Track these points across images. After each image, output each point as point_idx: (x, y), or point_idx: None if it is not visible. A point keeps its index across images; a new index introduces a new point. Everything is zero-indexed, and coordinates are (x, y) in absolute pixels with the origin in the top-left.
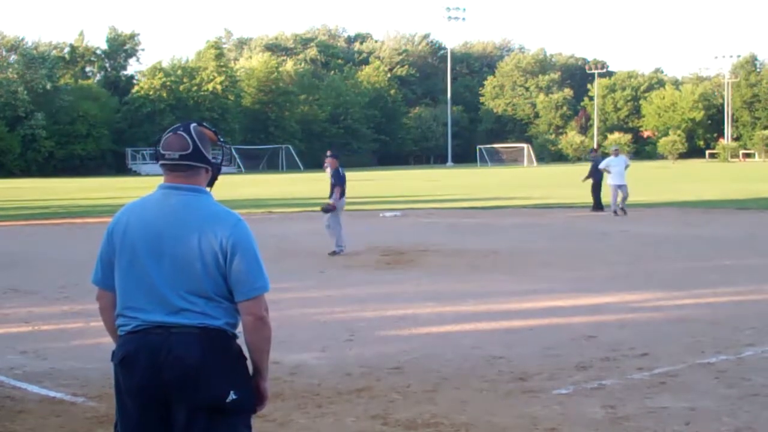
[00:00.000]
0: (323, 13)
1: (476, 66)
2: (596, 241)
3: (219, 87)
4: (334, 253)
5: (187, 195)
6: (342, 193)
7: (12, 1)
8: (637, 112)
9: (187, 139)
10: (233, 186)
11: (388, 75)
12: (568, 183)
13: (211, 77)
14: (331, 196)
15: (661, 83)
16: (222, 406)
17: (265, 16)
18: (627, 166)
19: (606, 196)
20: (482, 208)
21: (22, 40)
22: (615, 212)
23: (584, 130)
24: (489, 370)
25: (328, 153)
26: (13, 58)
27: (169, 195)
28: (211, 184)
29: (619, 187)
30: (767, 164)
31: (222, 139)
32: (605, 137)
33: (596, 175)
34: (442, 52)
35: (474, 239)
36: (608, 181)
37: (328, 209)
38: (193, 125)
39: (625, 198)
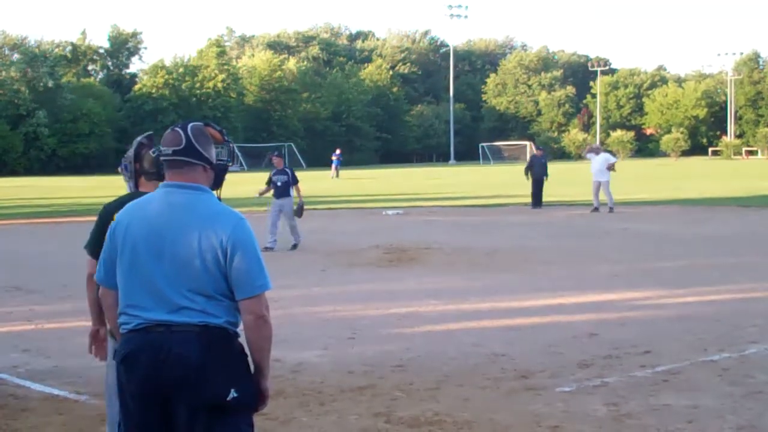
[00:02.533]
0: (325, 11)
1: (478, 64)
2: (598, 238)
3: (221, 85)
4: (295, 246)
5: (188, 193)
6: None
7: (15, 0)
8: (639, 109)
9: (181, 135)
10: (236, 184)
11: (390, 73)
12: (569, 181)
13: (213, 75)
14: (284, 195)
15: (663, 81)
16: (223, 405)
17: (267, 14)
18: (609, 164)
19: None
20: (484, 206)
21: (25, 38)
22: (596, 209)
23: (587, 127)
24: (491, 368)
25: (275, 153)
26: (15, 56)
27: (170, 193)
28: (218, 183)
29: (594, 182)
30: None
31: (228, 139)
32: (608, 135)
33: (538, 173)
34: (444, 49)
35: (476, 237)
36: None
37: (302, 210)
38: (193, 123)
39: (595, 194)
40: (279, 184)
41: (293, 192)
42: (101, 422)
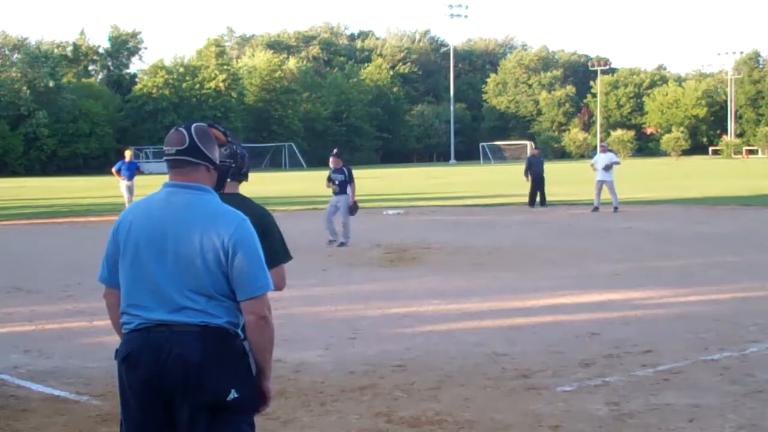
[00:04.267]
0: (325, 11)
1: (479, 63)
2: (599, 238)
3: (222, 85)
4: (342, 244)
5: (191, 194)
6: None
7: (15, 1)
8: (640, 108)
9: (184, 135)
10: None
11: (391, 73)
12: (570, 180)
13: (213, 75)
14: (341, 193)
15: (663, 80)
16: (224, 405)
17: (267, 14)
18: (614, 164)
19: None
20: (485, 206)
21: (26, 39)
22: (596, 208)
23: (587, 127)
24: (492, 368)
25: (334, 152)
26: (16, 56)
27: (173, 193)
28: (220, 184)
29: (599, 182)
30: None
31: (231, 139)
32: (608, 134)
33: (538, 172)
34: (444, 49)
35: (477, 236)
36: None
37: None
38: (197, 124)
39: (597, 193)
40: (337, 182)
41: (349, 190)
42: (102, 422)
